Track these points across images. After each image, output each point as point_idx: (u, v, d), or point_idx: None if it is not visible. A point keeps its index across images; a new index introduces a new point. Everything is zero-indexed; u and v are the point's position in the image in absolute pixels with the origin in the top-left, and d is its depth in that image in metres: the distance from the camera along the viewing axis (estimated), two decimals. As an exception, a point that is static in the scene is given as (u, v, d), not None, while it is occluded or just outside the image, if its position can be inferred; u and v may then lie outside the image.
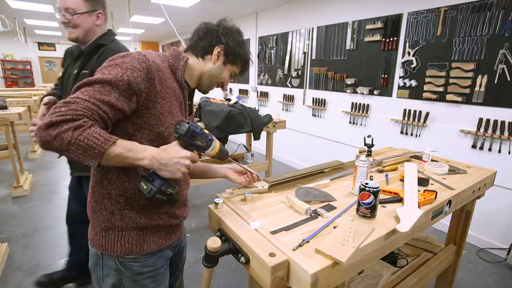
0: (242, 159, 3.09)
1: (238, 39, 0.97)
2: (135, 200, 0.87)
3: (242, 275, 2.09)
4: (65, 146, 0.70)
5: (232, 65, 0.99)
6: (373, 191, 0.93)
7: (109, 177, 0.86)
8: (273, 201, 1.10)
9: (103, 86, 0.75)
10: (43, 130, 0.70)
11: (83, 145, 0.71)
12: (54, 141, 0.70)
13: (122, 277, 0.90)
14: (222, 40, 0.94)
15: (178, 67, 0.91)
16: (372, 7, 3.17)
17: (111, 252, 0.88)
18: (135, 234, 0.89)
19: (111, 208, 0.87)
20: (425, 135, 2.84)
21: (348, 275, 0.82)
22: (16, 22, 6.65)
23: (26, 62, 10.29)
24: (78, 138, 0.70)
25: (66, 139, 0.69)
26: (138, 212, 0.88)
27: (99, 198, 0.88)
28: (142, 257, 0.91)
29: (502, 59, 2.24)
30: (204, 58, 0.96)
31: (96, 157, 0.72)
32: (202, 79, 0.98)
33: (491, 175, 1.52)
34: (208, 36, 0.95)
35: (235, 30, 0.98)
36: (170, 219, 0.96)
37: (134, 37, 9.15)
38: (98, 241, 0.89)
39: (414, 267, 1.47)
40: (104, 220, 0.87)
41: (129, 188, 0.86)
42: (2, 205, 3.06)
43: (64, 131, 0.69)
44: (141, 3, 4.68)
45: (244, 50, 0.99)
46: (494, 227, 2.46)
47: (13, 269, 2.09)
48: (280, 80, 4.66)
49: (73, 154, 0.71)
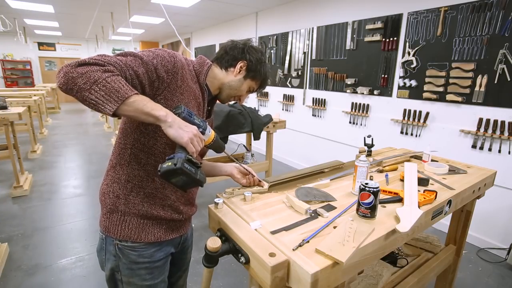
0: (242, 159, 3.08)
1: (261, 59, 1.03)
2: (141, 187, 0.92)
3: (242, 275, 2.09)
4: (89, 85, 0.71)
5: (252, 81, 1.05)
6: (373, 191, 0.92)
7: (122, 162, 0.92)
8: (273, 201, 1.10)
9: (135, 59, 0.82)
10: (72, 67, 0.72)
11: (109, 87, 0.72)
12: (79, 78, 0.71)
13: (119, 263, 0.94)
14: (246, 57, 1.01)
15: (202, 72, 0.98)
16: (372, 7, 3.17)
17: (113, 234, 0.92)
18: (136, 221, 0.92)
19: (117, 192, 0.92)
20: (425, 135, 2.84)
21: (348, 275, 0.82)
22: (16, 22, 6.65)
23: (26, 62, 10.30)
24: (105, 79, 0.72)
25: (93, 78, 0.71)
26: (142, 200, 0.92)
27: (110, 182, 0.94)
28: (140, 247, 0.93)
29: (502, 59, 2.24)
30: (227, 70, 1.02)
31: (117, 101, 0.73)
32: (222, 89, 1.04)
33: (491, 175, 1.52)
34: (234, 51, 1.01)
35: (259, 50, 1.04)
36: (173, 214, 0.98)
37: (134, 37, 9.15)
38: (103, 222, 0.94)
39: (414, 267, 1.47)
40: (110, 203, 0.93)
41: (137, 175, 0.91)
42: (2, 205, 3.06)
43: (94, 71, 0.72)
44: (141, 3, 4.68)
45: (265, 69, 1.05)
46: (494, 227, 2.46)
47: (13, 269, 2.09)
48: (280, 80, 4.66)
49: (93, 95, 0.71)
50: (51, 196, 3.28)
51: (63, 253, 2.30)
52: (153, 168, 0.92)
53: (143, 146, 0.90)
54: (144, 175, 0.92)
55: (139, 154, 0.91)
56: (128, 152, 0.91)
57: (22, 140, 5.15)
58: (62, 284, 1.97)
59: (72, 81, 0.71)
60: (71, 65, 0.72)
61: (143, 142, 0.90)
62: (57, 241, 2.45)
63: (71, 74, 0.71)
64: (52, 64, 11.17)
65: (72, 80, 0.71)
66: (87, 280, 2.01)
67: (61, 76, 0.72)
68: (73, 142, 5.70)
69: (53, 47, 10.85)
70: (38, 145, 5.13)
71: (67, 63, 0.73)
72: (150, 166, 0.92)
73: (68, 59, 11.26)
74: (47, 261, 2.19)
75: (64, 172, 4.01)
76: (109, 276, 0.97)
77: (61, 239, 2.49)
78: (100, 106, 0.72)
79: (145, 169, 0.92)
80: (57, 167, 4.23)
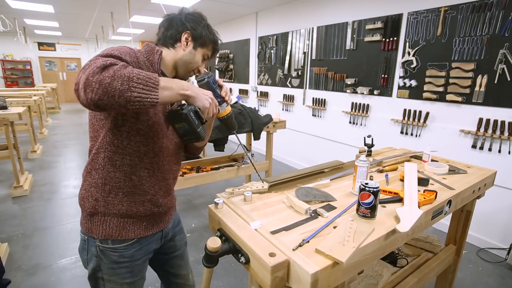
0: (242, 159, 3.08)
1: (203, 22, 1.00)
2: (119, 188, 0.92)
3: (242, 275, 2.09)
4: (126, 83, 0.68)
5: (202, 48, 1.01)
6: (373, 191, 0.93)
7: (97, 167, 0.92)
8: (273, 201, 1.10)
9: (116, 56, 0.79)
10: (98, 74, 0.67)
11: (142, 77, 0.70)
12: (114, 81, 0.67)
13: (101, 263, 0.96)
14: (188, 26, 0.97)
15: (154, 61, 0.94)
16: (372, 7, 3.17)
17: (95, 234, 0.94)
18: (116, 220, 0.94)
19: (96, 195, 0.93)
20: (425, 135, 2.84)
21: (348, 275, 0.82)
22: (16, 22, 6.65)
23: (26, 62, 10.30)
24: (134, 72, 0.70)
25: (125, 76, 0.68)
26: (121, 200, 0.93)
27: (87, 187, 0.94)
28: (120, 248, 0.96)
29: (502, 59, 2.24)
30: (175, 47, 0.99)
31: (155, 87, 0.73)
32: (178, 67, 1.01)
33: (491, 175, 1.52)
34: (173, 25, 0.98)
35: (198, 15, 1.01)
36: (153, 208, 0.99)
37: (134, 37, 9.15)
38: (85, 224, 0.96)
39: (414, 267, 1.47)
40: (89, 207, 0.93)
41: (114, 177, 0.91)
42: (2, 205, 3.06)
43: (120, 69, 0.69)
44: (141, 3, 4.68)
45: (211, 31, 1.02)
46: (494, 227, 2.46)
47: (13, 269, 2.09)
48: (280, 80, 4.66)
49: (135, 91, 0.69)
50: (51, 196, 3.28)
51: (63, 253, 2.30)
52: (129, 167, 0.92)
53: (117, 148, 0.89)
54: (121, 175, 0.91)
55: (113, 157, 0.90)
56: (101, 156, 0.90)
57: (22, 140, 5.15)
58: (62, 284, 1.97)
59: (110, 87, 0.66)
60: (96, 73, 0.66)
61: (116, 144, 0.89)
62: (57, 241, 2.45)
63: (105, 81, 0.66)
64: (52, 64, 11.16)
65: (110, 86, 0.66)
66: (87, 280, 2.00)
67: (96, 88, 0.66)
68: (73, 142, 5.70)
69: (53, 47, 10.84)
70: (38, 145, 5.13)
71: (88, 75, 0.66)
72: (126, 166, 0.91)
73: (68, 59, 11.27)
74: (47, 261, 2.19)
75: (64, 172, 4.01)
76: (90, 274, 1.00)
77: (61, 239, 2.49)
78: (146, 100, 0.71)
79: (121, 169, 0.91)
80: (57, 167, 4.23)
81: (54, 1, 4.84)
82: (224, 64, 6.17)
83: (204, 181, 2.58)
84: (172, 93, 0.79)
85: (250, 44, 5.35)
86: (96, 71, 0.67)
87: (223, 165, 2.77)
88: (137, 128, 0.89)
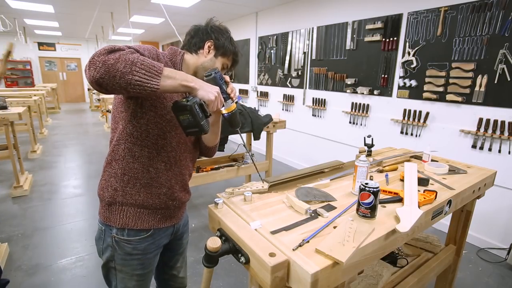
0: (242, 159, 3.09)
1: (226, 34, 1.06)
2: (137, 179, 0.97)
3: (242, 275, 2.09)
4: (129, 67, 0.72)
5: (223, 58, 1.07)
6: (373, 191, 0.92)
7: (117, 158, 0.96)
8: (273, 201, 1.10)
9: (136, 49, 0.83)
10: (104, 55, 0.72)
11: (146, 64, 0.74)
12: (118, 63, 0.71)
13: (115, 254, 1.00)
14: (212, 36, 1.03)
15: (176, 62, 1.01)
16: (372, 7, 3.17)
17: (113, 223, 0.98)
18: (133, 210, 0.98)
19: (115, 185, 0.97)
20: (425, 135, 2.84)
21: (348, 275, 0.82)
22: (16, 22, 6.66)
23: (26, 62, 10.30)
24: (139, 58, 0.74)
25: (129, 60, 0.73)
26: (139, 190, 0.97)
27: (107, 177, 0.98)
28: (135, 241, 1.00)
29: (502, 59, 2.24)
30: (197, 53, 1.04)
31: (158, 75, 0.76)
32: (198, 72, 1.05)
33: (491, 175, 1.52)
34: (199, 34, 1.04)
35: (223, 28, 1.07)
36: (168, 201, 1.03)
37: (134, 37, 9.15)
38: (103, 214, 1.00)
39: (414, 267, 1.47)
40: (108, 196, 0.98)
41: (132, 168, 0.96)
42: (2, 205, 3.06)
43: (126, 53, 0.74)
44: (141, 3, 4.68)
45: (233, 44, 1.08)
46: (494, 227, 2.46)
47: (13, 269, 2.09)
48: (280, 80, 4.66)
49: (136, 75, 0.73)
50: (51, 196, 3.28)
51: (63, 253, 2.30)
52: (147, 159, 0.97)
53: (136, 139, 0.94)
54: (139, 167, 0.96)
55: (132, 148, 0.95)
56: (122, 147, 0.95)
57: (22, 140, 5.16)
58: (62, 284, 1.97)
59: (113, 68, 0.71)
60: (102, 54, 0.72)
61: (136, 136, 0.94)
62: (57, 241, 2.45)
63: (109, 62, 0.71)
64: (52, 64, 11.15)
65: (113, 67, 0.71)
66: (87, 280, 2.01)
67: (99, 67, 0.71)
68: (73, 142, 5.70)
69: (53, 47, 10.84)
70: (38, 145, 5.13)
71: (94, 55, 0.72)
72: (144, 158, 0.96)
73: (68, 59, 11.27)
74: (47, 261, 2.19)
75: (64, 172, 4.01)
76: (104, 263, 1.04)
77: (61, 239, 2.49)
78: (146, 85, 0.75)
79: (140, 161, 0.96)
80: (57, 167, 4.23)
81: (54, 1, 4.84)
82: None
83: (204, 181, 2.58)
84: (175, 83, 0.81)
85: (250, 44, 5.35)
86: (102, 52, 0.72)
87: (223, 165, 2.77)
88: (155, 121, 0.94)
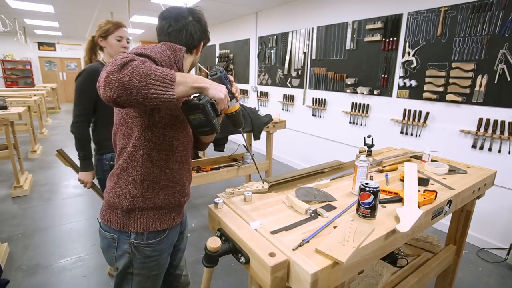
0: (242, 159, 3.08)
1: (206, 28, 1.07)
2: (156, 182, 0.97)
3: (242, 275, 2.09)
4: (144, 81, 0.70)
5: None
6: (373, 191, 0.93)
7: (134, 164, 0.94)
8: (273, 201, 1.10)
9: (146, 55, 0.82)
10: (118, 72, 0.68)
11: (159, 74, 0.72)
12: (133, 79, 0.69)
13: (133, 259, 0.99)
14: (207, 35, 1.07)
15: (177, 58, 1.00)
16: (372, 7, 3.17)
17: (132, 229, 0.97)
18: (152, 213, 0.99)
19: (134, 192, 0.95)
20: (425, 135, 2.84)
21: (348, 275, 0.82)
22: (16, 22, 6.65)
23: (26, 62, 10.29)
24: (152, 69, 0.72)
25: (143, 72, 0.70)
26: (158, 193, 0.98)
27: (123, 184, 0.96)
28: (153, 243, 1.00)
29: (502, 59, 2.24)
30: (192, 52, 1.06)
31: (171, 84, 0.74)
32: (191, 69, 1.09)
33: (491, 175, 1.52)
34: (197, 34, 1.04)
35: (204, 18, 1.06)
36: (181, 198, 1.05)
37: (134, 37, 9.15)
38: (119, 221, 0.97)
39: (414, 267, 1.47)
40: (127, 203, 0.95)
41: (152, 173, 0.96)
42: (2, 205, 3.06)
43: (138, 66, 0.70)
44: (141, 3, 4.68)
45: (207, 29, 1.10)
46: (494, 227, 2.46)
47: (13, 269, 2.09)
48: (280, 80, 4.66)
49: (152, 88, 0.71)
50: (51, 196, 3.28)
51: (63, 253, 2.30)
52: (164, 162, 0.97)
53: (155, 144, 0.94)
54: (158, 170, 0.96)
55: (151, 153, 0.94)
56: (140, 154, 0.93)
57: (22, 140, 5.16)
58: (62, 284, 1.97)
59: (129, 84, 0.68)
60: (116, 71, 0.68)
61: (154, 141, 0.94)
62: (57, 241, 2.45)
63: (124, 79, 0.68)
64: (52, 64, 11.15)
65: (129, 83, 0.68)
66: (87, 280, 2.01)
67: (115, 86, 0.68)
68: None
69: (53, 47, 10.84)
70: (38, 145, 5.13)
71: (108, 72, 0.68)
72: (162, 161, 0.97)
73: (68, 59, 11.26)
74: (47, 261, 2.19)
75: (64, 172, 4.00)
76: (121, 271, 1.01)
77: (61, 239, 2.49)
78: (162, 96, 0.73)
79: (158, 164, 0.96)
80: (57, 167, 4.22)
81: (54, 1, 4.83)
82: (224, 64, 6.17)
83: (204, 181, 2.58)
84: (186, 87, 0.80)
85: (250, 44, 5.35)
86: (116, 69, 0.68)
87: (223, 165, 2.76)
88: (170, 123, 0.95)
